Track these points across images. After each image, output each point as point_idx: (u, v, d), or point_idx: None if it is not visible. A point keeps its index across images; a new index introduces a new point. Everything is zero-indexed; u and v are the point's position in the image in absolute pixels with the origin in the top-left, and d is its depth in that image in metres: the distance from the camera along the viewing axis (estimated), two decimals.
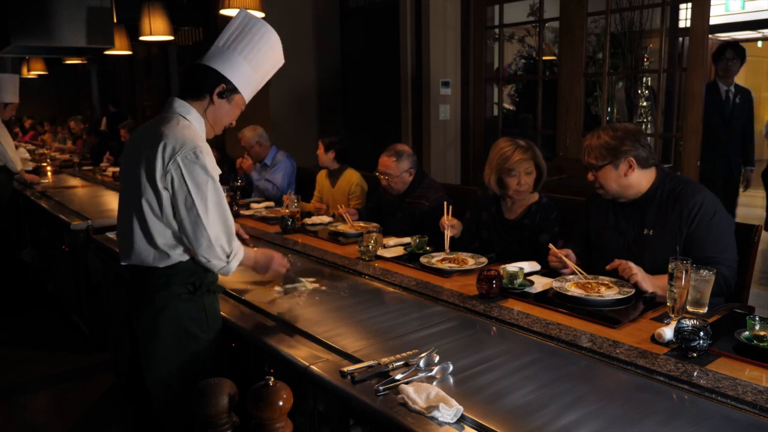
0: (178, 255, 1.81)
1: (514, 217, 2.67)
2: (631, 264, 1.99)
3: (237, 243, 1.89)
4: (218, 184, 1.79)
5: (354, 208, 3.41)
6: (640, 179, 2.14)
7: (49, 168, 5.98)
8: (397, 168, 3.12)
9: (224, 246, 1.81)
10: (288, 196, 3.36)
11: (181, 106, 1.84)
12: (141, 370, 1.93)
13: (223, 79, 1.84)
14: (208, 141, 1.88)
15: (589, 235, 2.38)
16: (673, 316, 1.77)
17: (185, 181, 1.72)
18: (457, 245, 2.62)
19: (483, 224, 2.77)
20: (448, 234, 2.58)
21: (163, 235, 1.78)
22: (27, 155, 6.07)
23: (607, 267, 2.03)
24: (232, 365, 1.94)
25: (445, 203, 2.67)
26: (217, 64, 1.84)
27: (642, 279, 1.96)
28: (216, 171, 1.78)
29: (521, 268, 2.11)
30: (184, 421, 1.79)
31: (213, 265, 1.83)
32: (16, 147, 5.42)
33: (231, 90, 1.87)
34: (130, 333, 1.98)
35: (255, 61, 1.88)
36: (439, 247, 2.60)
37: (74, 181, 5.44)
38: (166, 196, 1.75)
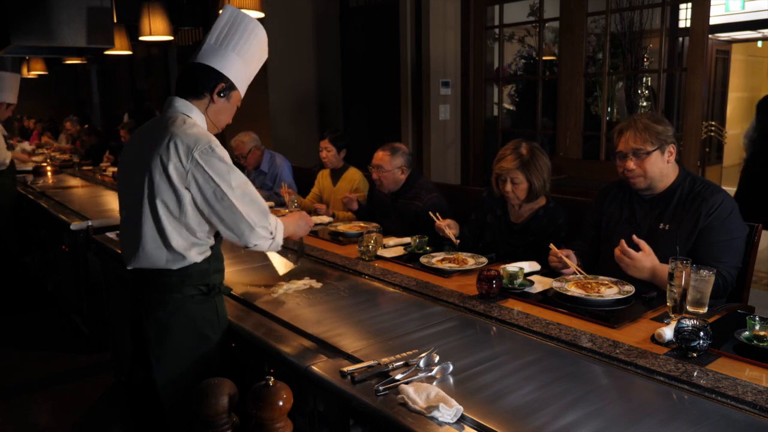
0: (193, 256, 1.80)
1: (521, 221, 2.66)
2: (633, 256, 1.96)
3: (273, 217, 1.90)
4: (238, 170, 1.80)
5: (356, 202, 3.39)
6: (672, 170, 2.15)
7: (49, 168, 5.98)
8: (389, 163, 3.12)
9: (264, 224, 1.84)
10: (289, 193, 3.36)
11: (183, 105, 1.84)
12: (144, 370, 1.92)
13: (222, 78, 1.84)
14: None
15: (599, 229, 2.36)
16: (673, 316, 1.77)
17: (210, 176, 1.72)
18: (460, 246, 2.63)
19: (488, 227, 2.76)
20: (450, 232, 2.60)
21: (179, 236, 1.77)
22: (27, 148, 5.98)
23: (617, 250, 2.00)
24: (232, 365, 1.94)
25: (430, 213, 2.69)
26: (213, 62, 1.83)
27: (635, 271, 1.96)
28: (230, 159, 1.80)
29: (521, 268, 2.11)
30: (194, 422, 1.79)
31: (261, 246, 1.86)
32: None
33: (229, 88, 1.87)
34: (133, 334, 1.97)
35: (247, 56, 1.89)
36: (438, 247, 2.60)
37: (74, 181, 5.44)
38: (187, 196, 1.74)
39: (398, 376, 1.45)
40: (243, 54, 1.87)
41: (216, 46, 1.84)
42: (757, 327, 1.57)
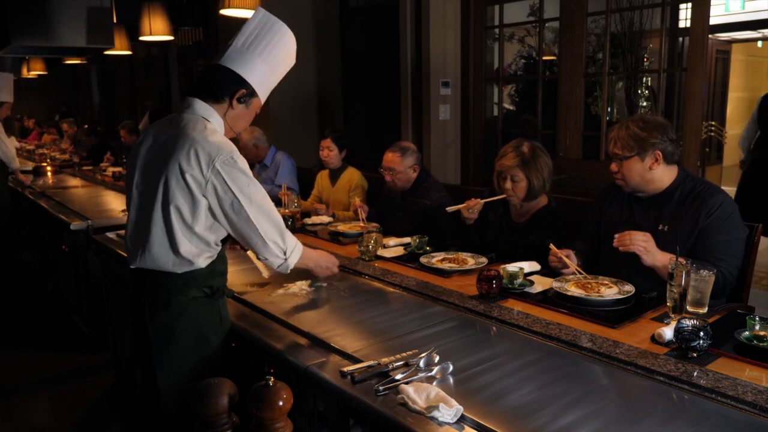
0: (200, 262, 1.79)
1: (522, 220, 2.66)
2: (635, 233, 1.97)
3: (292, 239, 1.89)
4: (258, 183, 1.79)
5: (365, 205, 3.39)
6: (663, 175, 2.13)
7: (49, 168, 5.99)
8: (401, 164, 3.13)
9: (278, 242, 1.83)
10: (287, 195, 3.36)
11: (203, 108, 1.80)
12: (146, 371, 1.92)
13: (243, 84, 1.80)
14: None
15: (599, 228, 2.36)
16: (673, 316, 1.77)
17: (229, 187, 1.71)
18: (460, 246, 2.65)
19: (489, 225, 2.76)
20: (480, 204, 2.62)
21: (189, 242, 1.75)
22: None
23: (615, 243, 2.00)
24: (232, 365, 1.93)
25: (447, 208, 2.72)
26: (236, 66, 1.79)
27: (644, 251, 1.95)
28: (250, 171, 1.78)
29: (521, 268, 2.11)
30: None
31: (271, 262, 1.86)
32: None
33: (250, 94, 1.84)
34: (135, 335, 1.96)
35: (273, 63, 1.85)
36: (439, 247, 2.61)
37: (74, 181, 5.44)
38: (204, 204, 1.72)
39: (398, 376, 1.45)
40: (269, 61, 1.83)
41: (243, 50, 1.80)
42: (757, 327, 1.57)
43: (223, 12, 3.56)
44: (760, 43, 9.69)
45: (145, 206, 1.77)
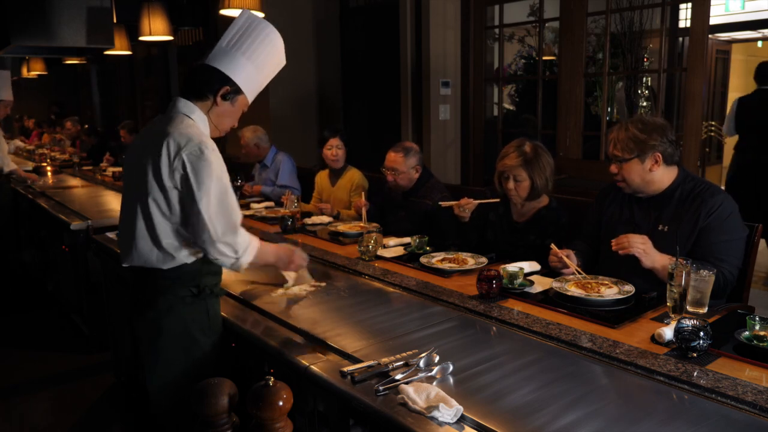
0: (184, 257, 1.79)
1: (523, 219, 2.66)
2: (632, 236, 1.98)
3: (245, 238, 1.84)
4: (225, 179, 1.77)
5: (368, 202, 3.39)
6: (663, 175, 2.13)
7: (49, 168, 5.98)
8: (404, 164, 3.14)
9: (229, 241, 1.78)
10: (287, 197, 3.36)
11: (185, 105, 1.83)
12: (142, 371, 1.93)
13: (227, 81, 1.83)
14: None
15: (599, 229, 2.36)
16: (673, 316, 1.77)
17: (189, 179, 1.71)
18: (461, 246, 2.65)
19: (490, 224, 2.77)
20: (473, 204, 2.64)
21: (169, 235, 1.76)
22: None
23: (613, 247, 2.01)
24: (232, 365, 1.94)
25: (441, 203, 2.74)
26: (220, 65, 1.82)
27: (643, 253, 1.96)
28: (222, 167, 1.77)
29: (521, 268, 2.11)
30: (185, 425, 1.79)
31: (222, 261, 1.82)
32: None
33: (235, 92, 1.85)
34: (132, 334, 1.97)
35: (258, 61, 1.87)
36: (440, 247, 2.61)
37: (74, 181, 5.44)
38: (175, 194, 1.73)
39: (398, 376, 1.45)
40: (254, 59, 1.84)
41: (227, 49, 1.83)
42: (757, 327, 1.57)
43: (223, 12, 3.56)
44: (760, 43, 9.68)
45: (130, 203, 1.81)
